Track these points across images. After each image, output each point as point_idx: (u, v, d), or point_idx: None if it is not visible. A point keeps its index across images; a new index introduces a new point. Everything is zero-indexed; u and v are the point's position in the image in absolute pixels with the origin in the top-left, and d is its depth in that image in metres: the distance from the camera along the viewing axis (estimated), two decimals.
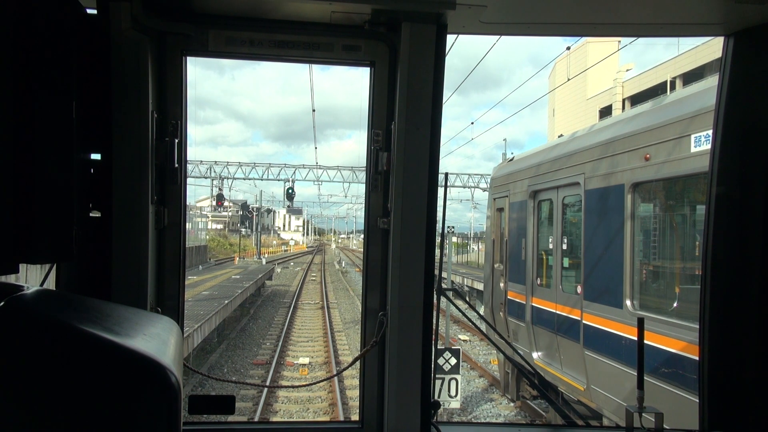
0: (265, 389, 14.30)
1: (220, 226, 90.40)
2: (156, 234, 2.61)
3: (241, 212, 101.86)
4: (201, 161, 51.01)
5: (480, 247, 54.90)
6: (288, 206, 63.27)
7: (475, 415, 13.47)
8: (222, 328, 21.35)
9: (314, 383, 4.81)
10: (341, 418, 12.12)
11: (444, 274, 13.71)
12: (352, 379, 15.23)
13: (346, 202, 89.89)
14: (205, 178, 51.46)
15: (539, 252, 11.01)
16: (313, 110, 39.22)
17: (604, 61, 28.23)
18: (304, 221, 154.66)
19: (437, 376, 10.15)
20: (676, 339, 6.87)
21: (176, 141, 2.59)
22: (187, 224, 2.87)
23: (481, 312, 18.10)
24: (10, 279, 1.46)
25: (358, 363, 2.96)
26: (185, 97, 2.67)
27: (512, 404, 13.61)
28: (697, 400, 2.94)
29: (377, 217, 2.83)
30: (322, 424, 7.19)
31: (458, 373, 10.70)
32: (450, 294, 3.58)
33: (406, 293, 2.66)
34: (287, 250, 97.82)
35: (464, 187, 53.96)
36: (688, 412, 6.05)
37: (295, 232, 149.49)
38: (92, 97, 2.31)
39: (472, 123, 37.97)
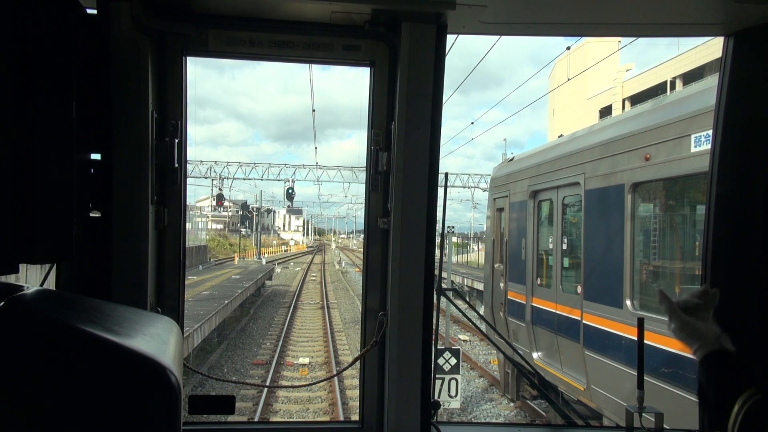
0: (265, 389, 14.30)
1: (220, 226, 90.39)
2: (156, 234, 2.60)
3: (241, 212, 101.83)
4: (201, 161, 51.09)
5: (480, 247, 54.89)
6: (288, 206, 63.32)
7: (475, 415, 13.47)
8: (222, 328, 21.36)
9: (314, 383, 4.83)
10: (341, 418, 12.12)
11: (444, 274, 13.72)
12: (352, 379, 15.23)
13: (346, 202, 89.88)
14: (205, 178, 51.56)
15: (539, 252, 11.01)
16: (313, 110, 39.35)
17: (604, 61, 28.23)
18: (304, 221, 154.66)
19: (437, 376, 10.15)
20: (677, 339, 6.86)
21: (176, 141, 2.59)
22: (187, 224, 2.87)
23: (481, 312, 18.10)
24: (10, 279, 1.46)
25: (358, 363, 2.96)
26: (185, 97, 2.67)
27: (512, 404, 13.61)
28: (697, 400, 2.94)
29: (377, 217, 2.82)
30: (322, 424, 7.20)
31: (458, 373, 10.71)
32: (450, 294, 3.58)
33: (406, 293, 2.66)
34: (287, 250, 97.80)
35: (464, 187, 54.03)
36: (689, 412, 6.04)
37: (295, 232, 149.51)
38: (92, 97, 2.31)
39: (473, 123, 38.10)
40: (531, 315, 11.01)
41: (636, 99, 37.49)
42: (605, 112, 40.78)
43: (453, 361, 10.58)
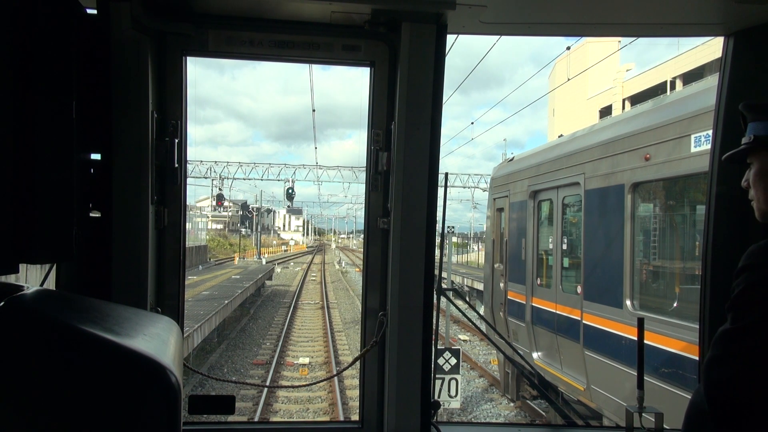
0: (265, 389, 14.30)
1: (220, 226, 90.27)
2: (156, 234, 2.61)
3: (241, 212, 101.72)
4: (201, 161, 51.02)
5: (480, 247, 54.90)
6: (288, 206, 63.29)
7: (475, 415, 13.47)
8: (222, 328, 21.35)
9: (314, 383, 4.83)
10: (341, 418, 12.12)
11: (444, 274, 13.71)
12: (352, 379, 15.23)
13: (346, 202, 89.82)
14: (205, 178, 51.48)
15: (539, 252, 11.00)
16: (313, 110, 39.22)
17: (604, 61, 28.21)
18: (304, 221, 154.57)
19: (437, 376, 10.15)
20: (676, 339, 6.87)
21: (176, 141, 2.59)
22: (187, 224, 2.88)
23: (481, 312, 18.10)
24: (10, 279, 1.46)
25: (358, 363, 2.96)
26: (185, 97, 2.67)
27: (512, 404, 13.61)
28: None
29: (377, 217, 2.83)
30: (322, 424, 7.20)
31: (458, 373, 10.71)
32: (450, 294, 3.59)
33: (406, 293, 2.66)
34: (287, 250, 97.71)
35: (464, 187, 53.96)
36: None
37: (295, 232, 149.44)
38: (92, 97, 2.31)
39: (473, 123, 38.05)
40: (531, 315, 11.01)
41: (636, 99, 37.45)
42: (605, 112, 40.75)
43: (453, 361, 10.58)
